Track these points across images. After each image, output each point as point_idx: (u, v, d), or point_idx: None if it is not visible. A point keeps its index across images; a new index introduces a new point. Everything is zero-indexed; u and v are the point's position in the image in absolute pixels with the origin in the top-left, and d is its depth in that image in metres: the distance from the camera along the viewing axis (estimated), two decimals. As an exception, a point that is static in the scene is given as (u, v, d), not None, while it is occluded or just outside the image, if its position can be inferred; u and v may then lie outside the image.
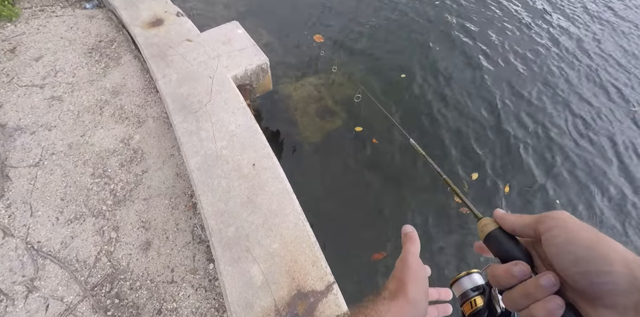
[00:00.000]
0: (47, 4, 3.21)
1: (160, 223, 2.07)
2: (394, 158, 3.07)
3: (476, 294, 0.63)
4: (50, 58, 2.81)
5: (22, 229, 2.01)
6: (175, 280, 1.90)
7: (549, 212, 0.44)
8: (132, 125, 2.49)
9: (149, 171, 2.28)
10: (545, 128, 3.38)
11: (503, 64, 3.87)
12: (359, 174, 2.98)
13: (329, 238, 2.48)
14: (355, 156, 3.08)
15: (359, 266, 2.53)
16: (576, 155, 3.22)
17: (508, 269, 0.44)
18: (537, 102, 3.56)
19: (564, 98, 3.62)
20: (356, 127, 3.23)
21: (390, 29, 4.10)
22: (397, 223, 2.73)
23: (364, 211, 2.81)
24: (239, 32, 2.86)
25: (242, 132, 2.22)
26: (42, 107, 2.52)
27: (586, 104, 3.59)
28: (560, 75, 3.80)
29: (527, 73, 3.81)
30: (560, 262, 0.40)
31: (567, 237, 0.40)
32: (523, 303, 0.42)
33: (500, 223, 0.49)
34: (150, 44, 2.71)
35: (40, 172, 2.22)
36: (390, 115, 3.21)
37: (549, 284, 0.40)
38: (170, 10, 2.98)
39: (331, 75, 3.59)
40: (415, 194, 2.90)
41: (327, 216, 2.71)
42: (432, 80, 3.64)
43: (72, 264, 1.92)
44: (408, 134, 1.02)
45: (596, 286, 0.37)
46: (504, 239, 0.48)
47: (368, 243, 2.64)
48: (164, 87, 2.44)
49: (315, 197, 2.79)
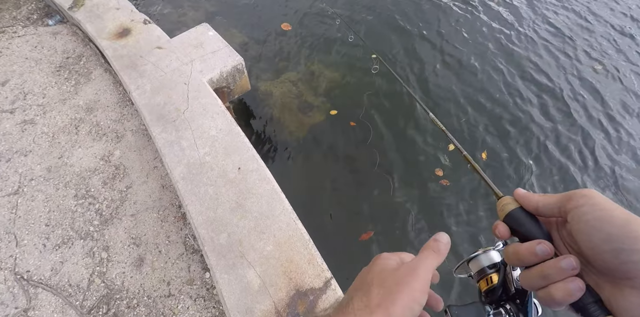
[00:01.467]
0: (7, 25, 3.11)
1: (151, 237, 2.02)
2: (383, 139, 3.04)
3: (493, 271, 0.62)
4: (17, 81, 2.72)
5: (9, 260, 1.94)
6: (173, 293, 1.85)
7: (578, 190, 0.43)
8: (111, 141, 2.42)
9: (133, 185, 2.21)
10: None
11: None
12: (345, 163, 2.95)
13: (323, 232, 2.45)
14: (340, 144, 3.04)
15: (355, 256, 2.49)
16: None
17: (531, 247, 0.43)
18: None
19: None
20: (331, 111, 3.21)
21: (364, 14, 4.04)
22: (388, 205, 2.71)
23: (355, 198, 2.77)
24: (210, 34, 2.79)
25: (224, 137, 2.16)
26: (14, 133, 2.44)
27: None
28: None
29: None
30: (588, 240, 0.39)
31: (599, 215, 0.39)
32: (540, 283, 0.42)
33: (522, 202, 0.48)
34: (119, 55, 2.63)
35: (20, 200, 2.15)
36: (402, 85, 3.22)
37: (569, 267, 0.40)
38: (137, 18, 2.90)
39: (310, 68, 3.53)
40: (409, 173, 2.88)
41: (318, 209, 2.68)
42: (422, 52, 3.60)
43: (65, 290, 1.86)
44: (429, 109, 1.00)
45: (627, 265, 0.36)
46: (526, 218, 0.47)
47: (358, 228, 2.61)
48: (138, 99, 2.37)
49: (305, 192, 2.75)
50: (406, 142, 3.04)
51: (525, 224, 0.47)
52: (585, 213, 0.40)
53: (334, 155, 2.99)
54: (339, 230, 2.61)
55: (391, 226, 2.63)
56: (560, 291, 0.39)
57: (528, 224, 0.47)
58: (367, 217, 2.67)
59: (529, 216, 0.47)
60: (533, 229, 0.46)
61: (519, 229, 0.47)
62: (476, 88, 3.41)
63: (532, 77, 3.53)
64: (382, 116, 3.16)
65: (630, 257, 0.36)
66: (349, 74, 3.47)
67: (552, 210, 0.45)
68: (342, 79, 3.43)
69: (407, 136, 3.07)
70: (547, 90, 3.45)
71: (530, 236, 0.45)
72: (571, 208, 0.42)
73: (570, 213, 0.42)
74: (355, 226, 2.62)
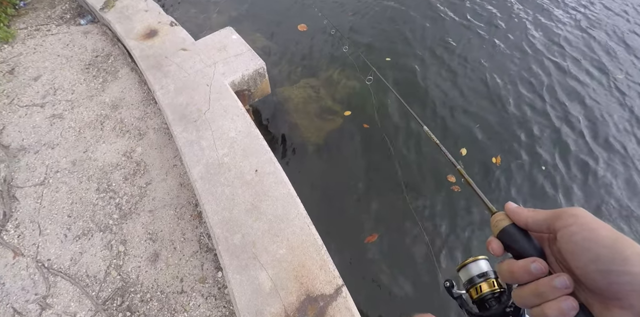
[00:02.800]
0: (42, 24, 3.24)
1: (167, 234, 2.07)
2: (394, 144, 3.07)
3: (482, 280, 0.64)
4: (49, 76, 2.83)
5: (31, 248, 2.02)
6: (185, 290, 1.89)
7: (566, 208, 0.43)
8: (134, 138, 2.49)
9: (152, 182, 2.28)
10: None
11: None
12: (361, 169, 2.97)
13: (335, 238, 2.47)
14: (357, 150, 3.07)
15: (366, 263, 2.50)
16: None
17: (525, 265, 0.43)
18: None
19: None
20: (345, 112, 3.26)
21: (376, 17, 4.07)
22: (400, 211, 2.73)
23: (368, 204, 2.79)
24: (233, 37, 2.86)
25: (243, 139, 2.21)
26: (43, 126, 2.54)
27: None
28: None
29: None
30: (577, 259, 0.39)
31: (587, 235, 0.39)
32: (534, 301, 0.42)
33: (513, 218, 0.48)
34: (146, 55, 2.71)
35: (46, 191, 2.24)
36: (394, 100, 3.24)
37: (562, 286, 0.40)
38: (164, 20, 2.99)
39: (330, 74, 3.57)
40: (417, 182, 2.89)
41: (333, 215, 2.70)
42: (431, 61, 3.61)
43: (83, 280, 1.93)
44: (422, 122, 1.00)
45: (615, 286, 0.36)
46: (519, 235, 0.47)
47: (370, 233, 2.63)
48: (162, 98, 2.44)
49: (319, 197, 2.78)
50: (420, 148, 3.06)
51: (519, 241, 0.47)
52: (573, 233, 0.40)
53: (350, 161, 3.01)
54: (351, 236, 2.62)
55: (399, 229, 2.64)
56: (553, 310, 0.39)
57: (522, 240, 0.46)
58: (377, 221, 2.69)
59: (522, 232, 0.47)
60: (527, 246, 0.46)
61: (512, 246, 0.47)
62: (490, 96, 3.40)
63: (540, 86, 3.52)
64: (395, 121, 3.20)
65: (619, 278, 0.36)
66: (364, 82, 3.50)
67: (540, 227, 0.45)
68: (360, 86, 3.45)
69: (422, 142, 3.08)
70: (551, 96, 3.47)
71: (524, 253, 0.45)
72: (560, 227, 0.42)
73: (559, 232, 0.42)
74: (368, 232, 2.64)
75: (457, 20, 4.14)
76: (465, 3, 4.36)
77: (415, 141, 3.09)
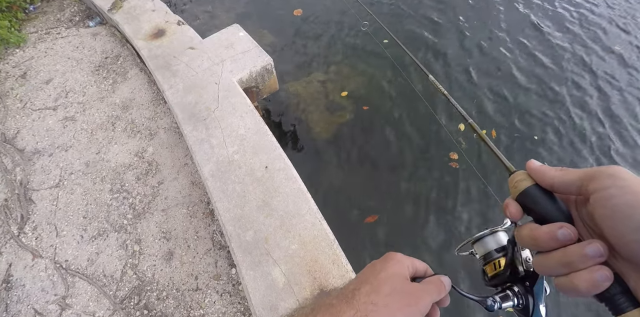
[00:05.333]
0: (52, 27, 3.28)
1: (181, 232, 2.08)
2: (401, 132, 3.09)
3: (500, 255, 0.57)
4: (60, 79, 2.87)
5: (49, 249, 2.06)
6: (200, 287, 1.90)
7: (603, 167, 0.37)
8: (145, 138, 2.51)
9: (164, 181, 2.29)
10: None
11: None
12: (371, 162, 2.97)
13: (347, 231, 2.46)
14: (365, 142, 3.08)
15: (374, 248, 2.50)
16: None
17: (551, 231, 0.38)
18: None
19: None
20: (342, 93, 3.31)
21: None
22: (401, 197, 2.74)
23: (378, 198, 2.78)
24: (240, 35, 2.84)
25: (252, 136, 2.20)
26: (57, 129, 2.58)
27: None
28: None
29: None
30: (614, 227, 0.34)
31: (629, 199, 0.33)
32: (560, 271, 0.37)
33: (536, 177, 0.42)
34: (154, 55, 2.72)
35: (61, 193, 2.27)
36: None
37: (596, 254, 0.35)
38: (171, 20, 2.99)
39: (338, 68, 3.54)
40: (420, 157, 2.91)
41: (343, 209, 2.69)
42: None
43: (100, 280, 1.95)
44: (428, 71, 0.96)
45: None
46: (543, 197, 0.42)
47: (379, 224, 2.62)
48: (171, 97, 2.45)
49: (329, 191, 2.77)
50: (423, 128, 3.09)
51: (543, 204, 0.41)
52: (612, 197, 0.34)
53: (358, 154, 2.99)
54: (361, 228, 2.61)
55: (400, 212, 2.64)
56: (584, 281, 0.35)
57: (546, 203, 0.41)
58: (379, 202, 2.72)
59: (546, 193, 0.42)
60: (552, 209, 0.41)
61: (535, 209, 0.42)
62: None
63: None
64: (398, 109, 3.22)
65: None
66: (375, 73, 3.47)
67: (569, 188, 0.39)
68: (370, 79, 3.43)
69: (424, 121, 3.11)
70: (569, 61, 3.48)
71: (549, 217, 0.40)
72: (595, 189, 0.36)
73: (593, 195, 0.36)
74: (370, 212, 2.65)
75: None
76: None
77: (420, 123, 3.11)
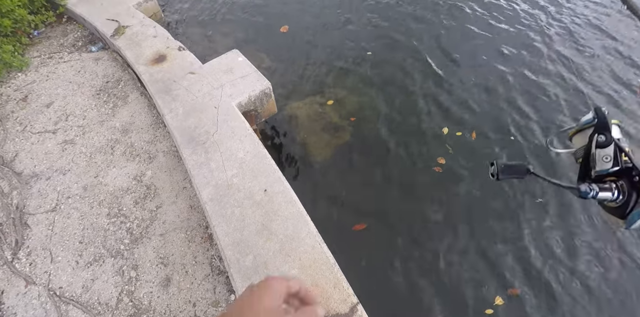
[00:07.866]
0: (54, 51, 3.34)
1: (179, 258, 2.05)
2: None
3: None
4: (61, 103, 2.89)
5: (43, 276, 2.01)
6: (198, 314, 1.86)
7: None
8: (144, 161, 2.51)
9: (163, 205, 2.28)
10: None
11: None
12: (370, 183, 2.97)
13: (348, 254, 2.43)
14: (364, 163, 3.09)
15: (381, 279, 2.45)
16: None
17: None
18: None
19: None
20: (328, 101, 3.45)
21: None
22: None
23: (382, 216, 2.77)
24: (239, 59, 2.91)
25: (251, 159, 2.21)
26: (55, 152, 2.57)
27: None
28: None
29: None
30: None
31: None
32: None
33: None
34: (155, 80, 2.77)
35: (57, 217, 2.24)
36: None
37: None
38: (172, 45, 3.06)
39: (335, 90, 3.60)
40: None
41: (343, 231, 2.66)
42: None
43: (95, 308, 1.90)
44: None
45: None
46: None
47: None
48: (171, 121, 2.47)
49: (329, 213, 2.75)
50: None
51: None
52: None
53: (358, 175, 3.00)
54: (365, 251, 2.58)
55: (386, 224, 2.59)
56: None
57: None
58: (373, 218, 2.71)
59: None
60: None
61: None
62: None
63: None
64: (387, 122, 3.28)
65: None
66: (372, 95, 3.54)
67: None
68: (369, 100, 3.49)
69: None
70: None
71: None
72: None
73: None
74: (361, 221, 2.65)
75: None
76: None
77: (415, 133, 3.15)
